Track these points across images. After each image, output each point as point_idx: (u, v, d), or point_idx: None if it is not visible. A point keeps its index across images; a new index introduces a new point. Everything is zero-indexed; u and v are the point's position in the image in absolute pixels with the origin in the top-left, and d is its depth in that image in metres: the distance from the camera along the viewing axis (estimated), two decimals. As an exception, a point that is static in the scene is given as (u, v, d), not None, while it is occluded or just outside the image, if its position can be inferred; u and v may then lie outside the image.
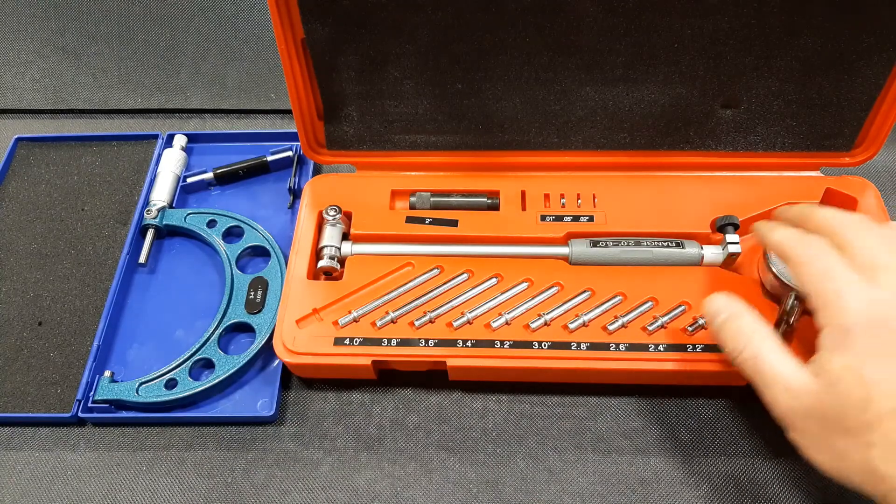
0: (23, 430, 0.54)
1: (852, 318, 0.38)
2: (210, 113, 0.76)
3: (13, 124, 0.76)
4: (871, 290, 0.39)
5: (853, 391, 0.37)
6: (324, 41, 0.52)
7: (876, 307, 0.38)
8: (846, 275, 0.40)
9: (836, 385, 0.38)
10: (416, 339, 0.51)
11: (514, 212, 0.58)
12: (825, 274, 0.40)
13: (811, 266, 0.41)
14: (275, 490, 0.51)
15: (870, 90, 0.54)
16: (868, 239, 0.42)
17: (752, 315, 0.43)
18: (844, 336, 0.38)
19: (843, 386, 0.37)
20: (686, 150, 0.59)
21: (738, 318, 0.43)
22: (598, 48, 0.52)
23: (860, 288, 0.39)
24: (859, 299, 0.39)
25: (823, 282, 0.40)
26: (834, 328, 0.39)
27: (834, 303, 0.39)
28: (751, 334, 0.42)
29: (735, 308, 0.44)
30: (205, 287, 0.60)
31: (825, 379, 0.38)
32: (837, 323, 0.39)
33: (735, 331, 0.43)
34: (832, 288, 0.39)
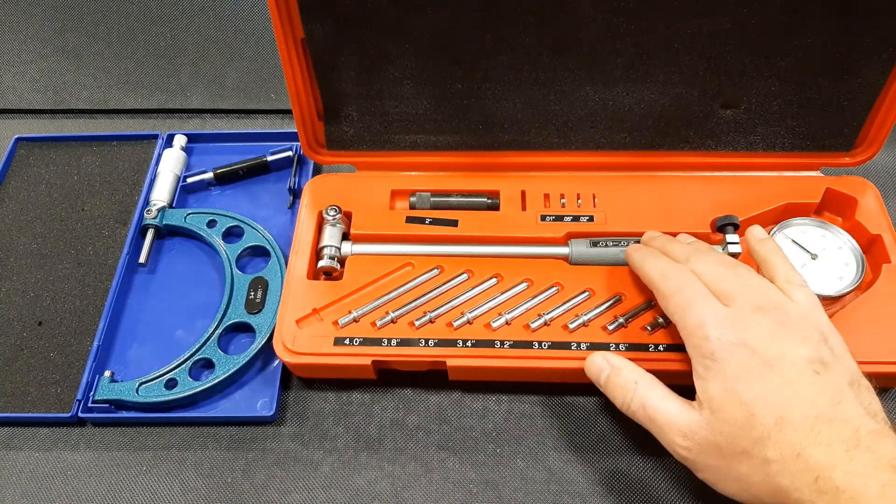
0: (23, 430, 0.54)
1: (714, 345, 0.40)
2: (210, 113, 0.76)
3: (13, 124, 0.76)
4: (732, 320, 0.41)
5: (736, 413, 0.39)
6: (324, 41, 0.52)
7: (734, 331, 0.40)
8: (706, 304, 0.42)
9: (719, 412, 0.39)
10: (416, 339, 0.51)
11: (514, 212, 0.58)
12: (687, 306, 0.43)
13: (675, 297, 0.44)
14: (275, 490, 0.51)
15: (870, 90, 0.54)
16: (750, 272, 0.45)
17: (631, 366, 0.44)
18: (712, 362, 0.40)
19: (727, 411, 0.39)
20: (686, 150, 0.59)
21: (620, 372, 0.44)
22: (598, 48, 0.52)
23: (720, 315, 0.41)
24: (718, 326, 0.41)
25: (686, 314, 0.42)
26: (702, 357, 0.41)
27: (696, 334, 0.41)
28: (634, 385, 0.43)
29: (614, 362, 0.45)
30: (205, 287, 0.60)
31: (708, 409, 0.40)
32: (704, 352, 0.41)
33: (619, 384, 0.44)
34: (694, 317, 0.42)
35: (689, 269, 0.45)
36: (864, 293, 0.52)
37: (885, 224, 0.56)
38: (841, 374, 0.39)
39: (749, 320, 0.41)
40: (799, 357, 0.39)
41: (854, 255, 0.54)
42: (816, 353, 0.39)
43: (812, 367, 0.39)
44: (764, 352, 0.39)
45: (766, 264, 0.46)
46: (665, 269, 0.46)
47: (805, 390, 0.38)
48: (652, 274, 0.47)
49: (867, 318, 0.51)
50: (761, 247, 0.47)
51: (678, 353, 0.50)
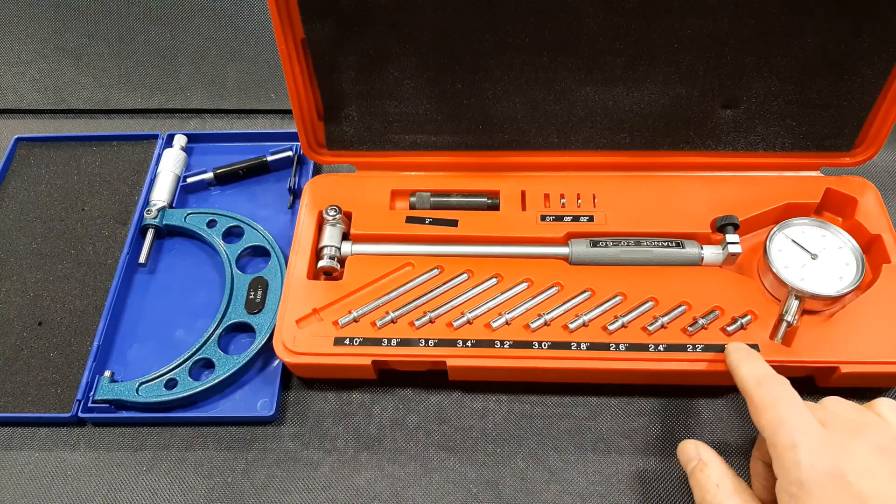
0: (23, 430, 0.54)
1: (805, 472, 0.37)
2: (210, 113, 0.76)
3: (13, 124, 0.76)
4: (826, 442, 0.38)
5: None
6: (324, 41, 0.52)
7: (830, 460, 0.37)
8: (803, 424, 0.39)
9: None
10: (416, 339, 0.51)
11: (514, 212, 0.58)
12: (781, 423, 0.39)
13: (768, 412, 0.40)
14: (275, 490, 0.51)
15: (870, 90, 0.54)
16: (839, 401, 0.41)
17: (718, 465, 0.42)
18: (799, 490, 0.37)
19: None
20: (686, 150, 0.59)
21: (705, 469, 0.42)
22: (598, 48, 0.52)
23: (815, 439, 0.38)
24: (813, 451, 0.37)
25: (778, 431, 0.39)
26: (789, 482, 0.37)
27: (787, 456, 0.38)
28: (716, 489, 0.41)
29: (704, 456, 0.43)
30: (205, 287, 0.60)
31: None
32: (792, 478, 0.37)
33: (701, 483, 0.42)
34: (787, 438, 0.38)
35: (787, 381, 0.42)
36: (864, 293, 0.52)
37: (885, 224, 0.56)
38: None
39: (846, 446, 0.38)
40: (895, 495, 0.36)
41: (854, 255, 0.54)
42: None
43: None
44: (859, 486, 0.36)
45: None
46: (762, 378, 0.42)
47: None
48: (747, 379, 0.43)
49: (867, 318, 0.51)
50: None
51: (678, 353, 0.50)
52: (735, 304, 0.52)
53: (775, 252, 0.54)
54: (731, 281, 0.54)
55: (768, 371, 0.43)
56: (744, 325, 0.51)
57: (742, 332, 0.51)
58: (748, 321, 0.51)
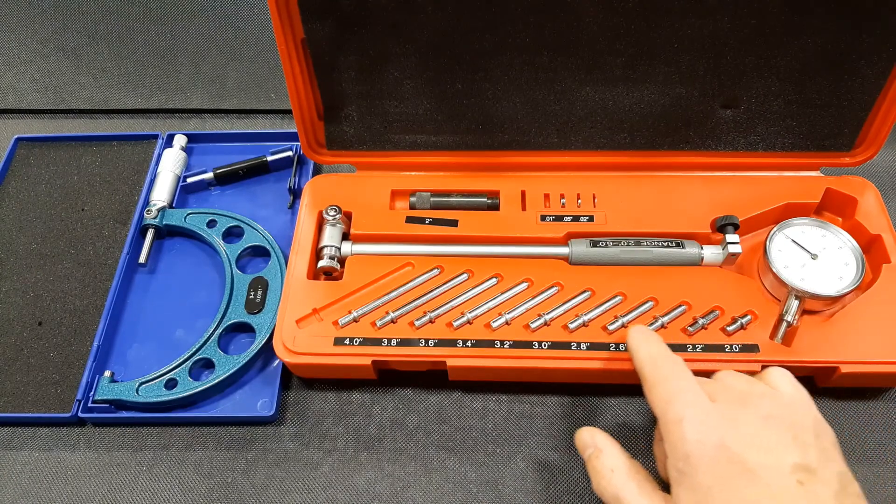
0: (23, 430, 0.54)
1: (691, 447, 0.37)
2: (210, 113, 0.76)
3: (13, 124, 0.76)
4: (713, 414, 0.38)
5: None
6: (324, 41, 0.52)
7: (716, 432, 0.37)
8: (690, 398, 0.39)
9: None
10: (416, 339, 0.51)
11: (514, 212, 0.58)
12: (669, 399, 0.39)
13: (658, 389, 0.40)
14: (275, 490, 0.51)
15: (870, 90, 0.54)
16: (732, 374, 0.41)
17: (613, 451, 0.42)
18: (686, 466, 0.37)
19: None
20: (686, 150, 0.59)
21: (600, 455, 0.42)
22: (598, 48, 0.52)
23: (701, 412, 0.38)
24: (699, 425, 0.37)
25: (667, 407, 0.39)
26: (676, 457, 0.37)
27: (674, 431, 0.38)
28: (610, 473, 0.41)
29: (599, 442, 0.43)
30: (205, 287, 0.60)
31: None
32: (678, 452, 0.37)
33: (597, 469, 0.42)
34: (673, 413, 0.38)
35: (681, 361, 0.42)
36: (864, 293, 0.52)
37: (885, 224, 0.56)
38: (827, 483, 0.36)
39: (733, 417, 0.38)
40: (783, 464, 0.36)
41: (854, 255, 0.54)
42: (802, 459, 0.36)
43: (796, 477, 0.36)
44: (745, 457, 0.36)
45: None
46: (656, 356, 0.42)
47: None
48: (643, 360, 0.43)
49: (867, 318, 0.51)
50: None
51: (680, 353, 0.50)
52: (735, 304, 0.52)
53: (775, 252, 0.54)
54: (731, 281, 0.54)
55: (663, 351, 0.43)
56: (744, 325, 0.51)
57: (742, 332, 0.51)
58: (748, 321, 0.51)
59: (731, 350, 0.50)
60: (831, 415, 0.52)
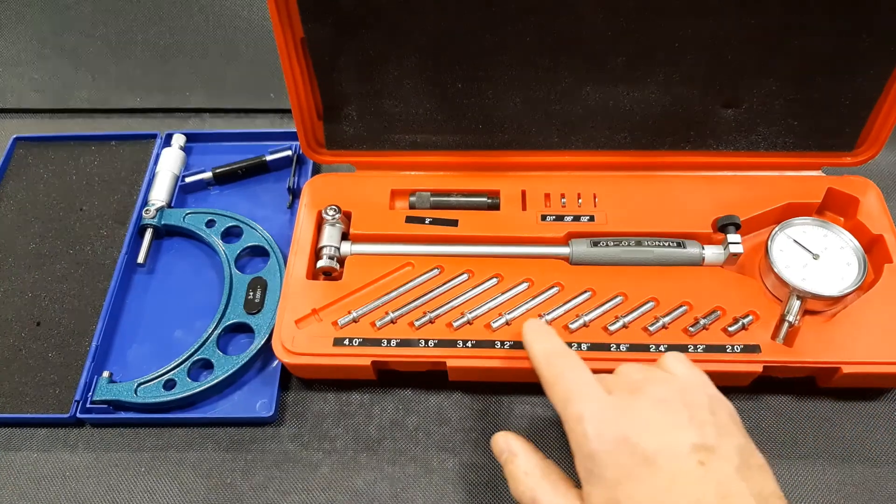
0: (21, 430, 0.54)
1: (594, 444, 0.36)
2: (209, 112, 0.76)
3: (12, 124, 0.75)
4: (610, 407, 0.37)
5: None
6: (324, 41, 0.52)
7: (614, 425, 0.37)
8: (587, 393, 0.38)
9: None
10: (416, 340, 0.51)
11: (514, 212, 0.58)
12: (567, 396, 0.39)
13: (555, 387, 0.40)
14: (274, 491, 0.50)
15: (871, 90, 0.54)
16: (630, 366, 0.41)
17: (527, 455, 0.41)
18: (592, 464, 0.36)
19: None
20: (687, 150, 0.59)
21: (514, 460, 0.42)
22: (598, 48, 0.52)
23: (599, 407, 0.38)
24: (598, 420, 0.37)
25: (564, 406, 0.38)
26: (582, 457, 0.37)
27: (576, 430, 0.37)
28: (525, 476, 0.41)
29: (513, 447, 0.42)
30: (204, 287, 0.60)
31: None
32: (584, 451, 0.37)
33: (512, 473, 0.41)
34: (574, 413, 0.38)
35: (574, 355, 0.41)
36: (865, 293, 0.52)
37: (886, 224, 0.56)
38: (727, 459, 0.36)
39: (628, 407, 0.37)
40: (681, 446, 0.36)
41: (856, 255, 0.53)
42: (700, 438, 0.36)
43: (696, 458, 0.35)
44: (645, 447, 0.36)
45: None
46: (550, 354, 0.42)
47: (689, 490, 0.34)
48: (538, 357, 0.42)
49: (869, 319, 0.51)
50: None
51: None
52: (736, 304, 0.52)
53: (777, 252, 0.53)
54: (733, 281, 0.54)
55: (557, 347, 0.42)
56: (745, 325, 0.51)
57: (743, 332, 0.51)
58: (749, 321, 0.51)
59: (732, 350, 0.50)
60: (832, 415, 0.52)
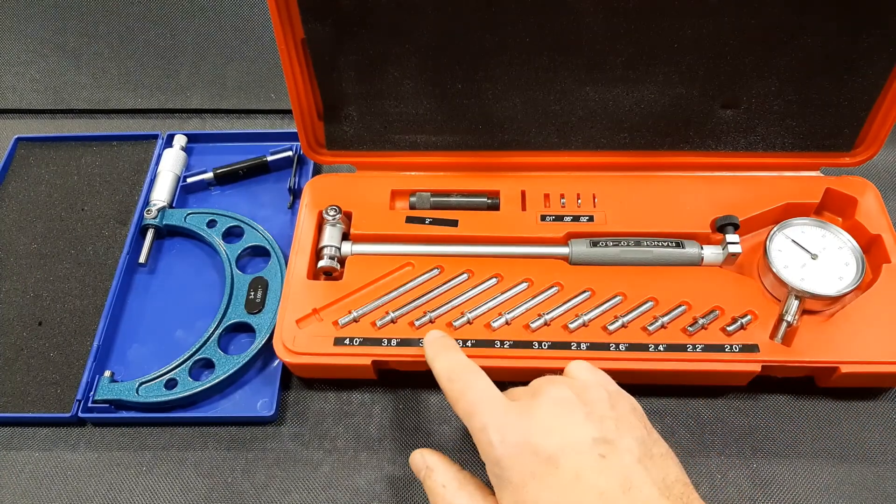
0: (23, 430, 0.54)
1: (498, 451, 0.37)
2: (210, 113, 0.76)
3: (13, 124, 0.76)
4: (510, 413, 0.38)
5: None
6: (324, 41, 0.52)
7: (515, 430, 0.37)
8: (488, 403, 0.39)
9: None
10: (417, 339, 0.51)
11: (514, 212, 0.58)
12: (471, 409, 0.39)
13: (460, 403, 0.40)
14: (275, 490, 0.51)
15: (870, 90, 0.54)
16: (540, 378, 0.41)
17: (443, 468, 0.42)
18: (499, 469, 0.37)
19: None
20: (686, 150, 0.59)
21: (431, 475, 0.42)
22: (598, 48, 0.52)
23: (500, 414, 0.38)
24: (500, 427, 0.37)
25: (470, 419, 0.39)
26: (490, 465, 0.38)
27: (481, 440, 0.38)
28: (443, 489, 0.41)
29: (429, 462, 0.42)
30: (205, 287, 0.60)
31: None
32: (491, 459, 0.37)
33: (430, 488, 0.42)
34: (478, 424, 0.38)
35: (476, 368, 0.42)
36: (864, 293, 0.52)
37: (885, 224, 0.56)
38: (628, 451, 0.36)
39: (527, 411, 0.38)
40: (581, 442, 0.36)
41: (854, 255, 0.54)
42: (599, 432, 0.37)
43: (597, 451, 0.36)
44: (546, 446, 0.36)
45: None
46: (453, 370, 0.42)
47: (593, 484, 0.35)
48: (438, 372, 0.43)
49: (867, 319, 0.51)
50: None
51: (678, 353, 0.50)
52: (735, 304, 0.52)
53: (775, 252, 0.54)
54: (731, 281, 0.54)
55: (459, 361, 0.43)
56: (744, 325, 0.51)
57: (742, 332, 0.51)
58: (748, 321, 0.51)
59: (730, 350, 0.50)
60: (831, 415, 0.52)
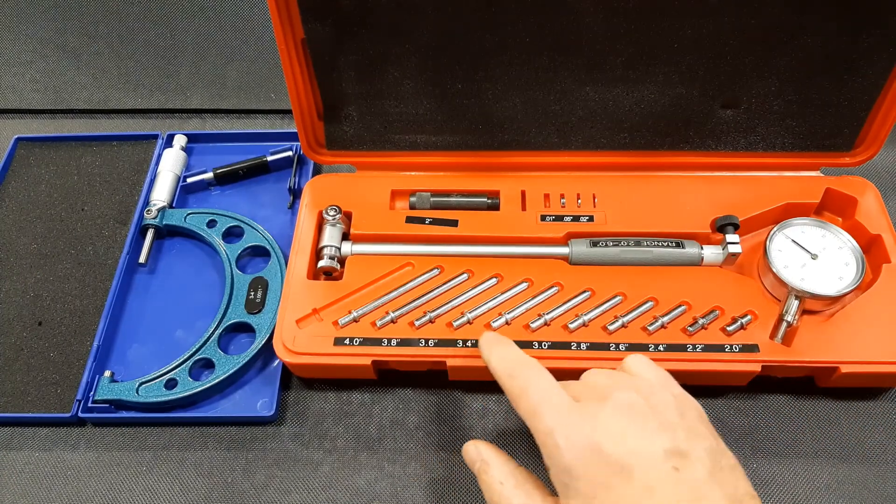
0: (23, 430, 0.54)
1: (567, 457, 0.36)
2: (210, 113, 0.76)
3: (13, 124, 0.76)
4: (577, 417, 0.37)
5: None
6: (324, 41, 0.52)
7: (584, 435, 0.36)
8: (554, 404, 0.38)
9: None
10: (416, 339, 0.51)
11: (514, 212, 0.58)
12: (535, 410, 0.38)
13: (522, 401, 0.39)
14: (275, 490, 0.51)
15: (870, 90, 0.54)
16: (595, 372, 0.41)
17: (500, 464, 0.41)
18: (568, 477, 0.36)
19: None
20: (686, 150, 0.59)
21: (488, 469, 0.41)
22: (598, 48, 0.52)
23: (567, 418, 0.37)
24: (568, 432, 0.36)
25: (534, 418, 0.38)
26: (557, 470, 0.36)
27: (547, 443, 0.37)
28: (500, 486, 0.40)
29: (485, 455, 0.42)
30: (205, 287, 0.60)
31: None
32: (558, 464, 0.36)
33: (487, 483, 0.41)
34: (542, 425, 0.37)
35: (537, 364, 0.41)
36: (864, 293, 0.52)
37: (885, 224, 0.56)
38: (700, 462, 0.35)
39: (596, 416, 0.37)
40: (655, 453, 0.35)
41: (854, 255, 0.54)
42: (673, 443, 0.36)
43: (671, 463, 0.35)
44: (618, 455, 0.35)
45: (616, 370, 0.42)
46: (512, 366, 0.41)
47: (665, 497, 0.34)
48: (498, 371, 0.41)
49: (867, 319, 0.51)
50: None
51: (678, 353, 0.50)
52: (735, 304, 0.52)
53: (775, 252, 0.54)
54: (731, 281, 0.54)
55: (516, 355, 0.42)
56: (744, 325, 0.51)
57: (742, 332, 0.51)
58: (748, 321, 0.51)
59: (730, 350, 0.50)
60: (831, 415, 0.52)
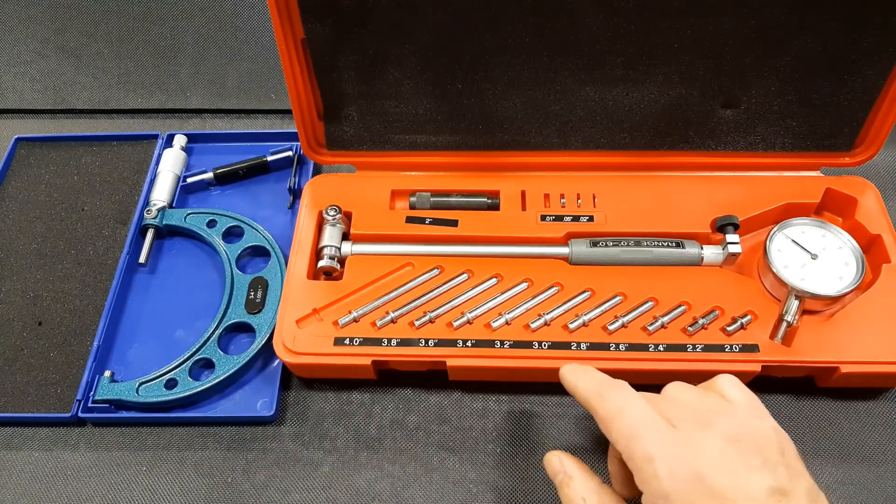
0: (23, 430, 0.54)
1: (666, 483, 0.36)
2: (210, 113, 0.76)
3: (13, 124, 0.76)
4: (679, 445, 0.37)
5: None
6: (324, 41, 0.52)
7: (686, 464, 0.36)
8: (653, 431, 0.37)
9: None
10: (416, 339, 0.51)
11: (514, 212, 0.58)
12: (631, 434, 0.38)
13: (615, 424, 0.39)
14: (275, 490, 0.51)
15: (870, 90, 0.54)
16: (682, 389, 0.41)
17: (583, 479, 0.41)
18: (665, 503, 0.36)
19: None
20: (686, 150, 0.59)
21: (570, 483, 0.41)
22: (598, 48, 0.52)
23: (668, 446, 0.37)
24: (669, 460, 0.36)
25: (631, 444, 0.38)
26: (654, 496, 0.36)
27: (644, 469, 0.36)
28: (582, 502, 0.40)
29: (568, 468, 0.42)
30: (205, 287, 0.60)
31: None
32: (655, 490, 0.36)
33: (568, 497, 0.41)
34: (641, 451, 0.37)
35: (627, 386, 0.41)
36: (864, 293, 0.52)
37: (884, 224, 0.56)
38: (800, 502, 0.36)
39: (698, 444, 0.37)
40: (758, 490, 0.35)
41: (854, 255, 0.54)
42: (775, 482, 0.36)
43: (773, 501, 0.35)
44: (721, 487, 0.35)
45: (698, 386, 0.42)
46: (602, 389, 0.41)
47: None
48: (588, 394, 0.41)
49: (867, 318, 0.51)
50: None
51: (678, 353, 0.50)
52: (735, 304, 0.52)
53: (775, 252, 0.54)
54: (731, 281, 0.54)
55: (605, 380, 0.42)
56: (744, 325, 0.51)
57: (742, 332, 0.51)
58: (748, 321, 0.51)
59: (730, 350, 0.50)
60: (831, 415, 0.52)
